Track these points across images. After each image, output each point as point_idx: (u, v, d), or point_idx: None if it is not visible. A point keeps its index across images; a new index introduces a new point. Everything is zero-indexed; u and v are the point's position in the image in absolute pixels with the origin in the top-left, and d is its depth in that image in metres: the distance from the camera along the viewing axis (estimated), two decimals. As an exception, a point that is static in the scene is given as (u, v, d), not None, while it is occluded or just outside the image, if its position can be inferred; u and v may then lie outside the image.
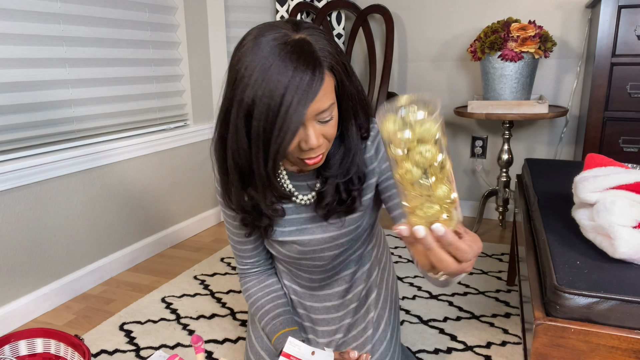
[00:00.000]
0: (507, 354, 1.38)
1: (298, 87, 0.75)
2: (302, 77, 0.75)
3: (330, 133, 0.84)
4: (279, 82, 0.75)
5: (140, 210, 2.08)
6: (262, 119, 0.77)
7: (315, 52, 0.78)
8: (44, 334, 1.24)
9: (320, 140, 0.83)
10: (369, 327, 1.12)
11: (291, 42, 0.77)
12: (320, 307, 1.15)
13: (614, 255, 0.84)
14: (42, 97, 1.65)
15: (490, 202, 2.53)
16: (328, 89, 0.80)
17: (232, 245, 1.15)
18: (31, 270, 1.64)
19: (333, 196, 0.96)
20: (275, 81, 0.75)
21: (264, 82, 0.76)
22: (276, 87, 0.75)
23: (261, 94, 0.76)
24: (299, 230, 1.03)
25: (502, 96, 2.05)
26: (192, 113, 2.35)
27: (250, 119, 0.79)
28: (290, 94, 0.75)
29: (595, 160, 0.99)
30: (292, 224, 1.03)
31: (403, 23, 2.52)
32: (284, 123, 0.76)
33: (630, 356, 0.73)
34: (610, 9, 1.76)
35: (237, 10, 2.43)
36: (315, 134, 0.82)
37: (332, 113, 0.83)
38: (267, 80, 0.76)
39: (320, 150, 0.85)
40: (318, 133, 0.82)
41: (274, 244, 1.07)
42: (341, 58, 0.83)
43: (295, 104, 0.75)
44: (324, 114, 0.81)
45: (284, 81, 0.75)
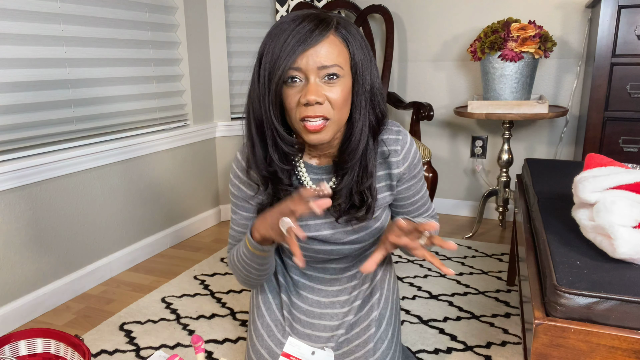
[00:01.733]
0: (507, 354, 1.38)
1: (298, 32, 0.84)
2: (304, 25, 0.85)
3: (334, 98, 0.87)
4: (285, 30, 0.85)
5: (140, 209, 2.08)
6: (267, 62, 0.86)
7: (328, 17, 0.87)
8: (44, 334, 1.24)
9: (321, 98, 0.86)
10: (372, 325, 1.12)
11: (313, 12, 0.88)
12: (327, 302, 1.15)
13: (614, 255, 0.84)
14: (42, 97, 1.65)
15: (490, 202, 2.53)
16: (334, 49, 0.86)
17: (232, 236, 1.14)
18: (31, 270, 1.64)
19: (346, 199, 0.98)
20: (282, 30, 0.86)
21: (274, 32, 0.87)
22: (281, 34, 0.85)
23: (270, 40, 0.87)
24: (319, 224, 1.04)
25: (502, 96, 2.05)
26: (192, 113, 2.35)
27: (260, 66, 0.88)
28: (290, 38, 0.84)
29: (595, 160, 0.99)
30: (311, 218, 1.04)
31: (403, 23, 2.52)
32: (279, 60, 0.84)
33: (630, 356, 0.73)
34: (610, 9, 1.76)
35: (237, 10, 2.43)
36: (316, 88, 0.85)
37: (338, 75, 0.87)
38: (277, 31, 0.86)
39: (320, 110, 0.87)
40: (319, 90, 0.86)
41: None
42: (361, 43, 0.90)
43: (291, 44, 0.84)
44: (327, 69, 0.86)
45: (289, 29, 0.85)
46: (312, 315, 1.15)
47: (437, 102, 2.54)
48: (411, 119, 2.26)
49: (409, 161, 1.03)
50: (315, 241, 1.05)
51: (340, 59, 0.87)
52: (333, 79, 0.86)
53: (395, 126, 1.03)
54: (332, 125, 0.89)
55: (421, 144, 2.05)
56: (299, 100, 0.87)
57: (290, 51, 0.84)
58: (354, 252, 1.08)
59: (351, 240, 1.05)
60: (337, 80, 0.87)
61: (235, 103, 2.54)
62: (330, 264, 1.12)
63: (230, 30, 2.44)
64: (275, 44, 0.85)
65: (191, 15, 2.26)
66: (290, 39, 0.84)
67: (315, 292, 1.15)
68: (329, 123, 0.88)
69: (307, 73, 0.85)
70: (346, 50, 0.88)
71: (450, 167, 2.60)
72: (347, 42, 0.88)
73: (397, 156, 1.01)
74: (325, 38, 0.85)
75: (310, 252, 1.08)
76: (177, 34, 2.23)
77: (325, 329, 1.14)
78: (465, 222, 2.51)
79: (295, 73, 0.86)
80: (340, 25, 0.88)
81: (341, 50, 0.87)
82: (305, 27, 0.84)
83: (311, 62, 0.85)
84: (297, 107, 0.88)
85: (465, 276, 1.87)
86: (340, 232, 1.04)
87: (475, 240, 2.26)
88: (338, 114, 0.89)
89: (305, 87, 0.86)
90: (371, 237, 1.07)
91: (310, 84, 0.85)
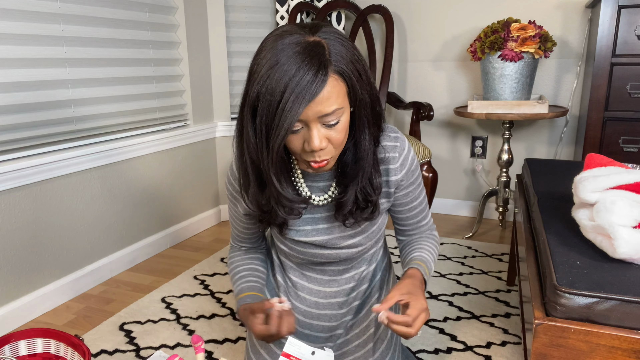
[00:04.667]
0: (507, 354, 1.38)
1: (297, 85, 0.77)
2: (303, 76, 0.77)
3: (336, 138, 0.84)
4: (281, 79, 0.77)
5: (140, 210, 2.08)
6: (263, 115, 0.80)
7: (324, 54, 0.79)
8: (44, 334, 1.24)
9: (324, 144, 0.83)
10: (371, 325, 1.12)
11: (303, 43, 0.79)
12: (325, 303, 1.15)
13: (614, 255, 0.84)
14: (42, 97, 1.65)
15: (490, 202, 2.53)
16: (334, 93, 0.80)
17: (232, 224, 1.17)
18: (31, 270, 1.64)
19: (352, 204, 0.97)
20: (277, 78, 0.77)
21: (268, 78, 0.78)
22: (278, 84, 0.77)
23: (264, 90, 0.79)
24: (316, 230, 1.04)
25: (502, 96, 2.05)
26: (192, 113, 2.35)
27: (255, 114, 0.82)
28: (289, 92, 0.77)
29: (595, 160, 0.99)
30: (307, 223, 1.04)
31: (403, 23, 2.52)
32: (280, 120, 0.78)
33: (630, 356, 0.73)
34: (610, 9, 1.76)
35: (237, 10, 2.43)
36: (319, 137, 0.82)
37: (338, 118, 0.83)
38: (270, 77, 0.78)
39: (325, 155, 0.85)
40: (322, 136, 0.83)
41: (288, 242, 1.08)
42: (356, 65, 0.83)
43: (291, 101, 0.77)
44: (328, 117, 0.81)
45: (285, 79, 0.77)
46: (311, 316, 1.15)
47: (437, 102, 2.54)
48: (411, 119, 2.26)
49: (407, 168, 1.03)
50: (312, 246, 1.05)
51: (339, 99, 0.82)
52: (334, 124, 0.83)
53: (392, 132, 1.02)
54: (333, 159, 0.89)
55: (421, 144, 2.05)
56: (302, 145, 0.85)
57: (292, 109, 0.77)
58: (351, 255, 1.08)
59: (348, 245, 1.05)
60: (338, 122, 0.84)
61: (235, 103, 2.54)
62: (328, 266, 1.12)
63: (230, 30, 2.44)
64: (271, 97, 0.78)
65: (191, 15, 2.26)
66: (289, 93, 0.77)
67: (313, 294, 1.15)
68: (331, 159, 0.88)
69: (308, 122, 0.82)
70: (344, 85, 0.83)
71: (450, 167, 2.60)
72: (344, 75, 0.82)
73: (395, 163, 1.01)
74: (326, 84, 0.79)
75: (307, 255, 1.08)
76: (177, 34, 2.23)
77: (324, 329, 1.14)
78: (465, 222, 2.51)
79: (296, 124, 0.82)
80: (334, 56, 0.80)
81: (340, 89, 0.82)
82: (305, 78, 0.77)
83: (312, 113, 0.80)
84: (301, 150, 0.86)
85: (465, 276, 1.87)
86: (336, 238, 1.04)
87: (475, 240, 2.26)
88: (339, 149, 0.88)
89: (308, 133, 0.83)
90: (368, 240, 1.07)
91: (312, 130, 0.82)
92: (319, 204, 1.02)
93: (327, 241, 1.04)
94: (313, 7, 2.42)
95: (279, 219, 1.00)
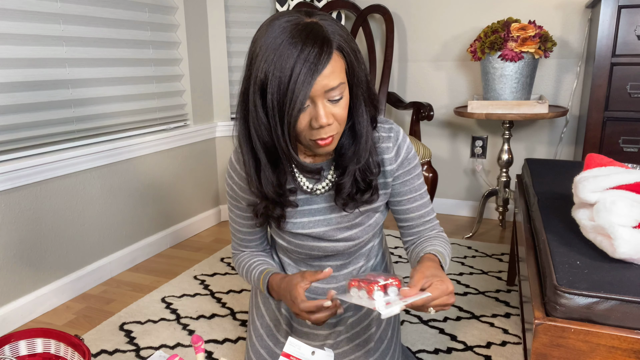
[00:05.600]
0: (507, 354, 1.38)
1: (306, 59, 0.80)
2: (310, 50, 0.81)
3: (340, 114, 0.87)
4: (289, 56, 0.81)
5: (140, 210, 2.08)
6: (274, 92, 0.82)
7: (324, 32, 0.83)
8: (44, 334, 1.24)
9: (330, 119, 0.86)
10: (372, 324, 1.12)
11: (302, 24, 0.83)
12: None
13: (614, 255, 0.84)
14: (42, 97, 1.65)
15: (490, 202, 2.53)
16: (337, 67, 0.84)
17: (232, 232, 1.16)
18: (31, 270, 1.64)
19: (351, 186, 0.98)
20: (285, 56, 0.81)
21: (275, 57, 0.81)
22: (286, 61, 0.81)
23: (273, 68, 0.81)
24: (313, 222, 1.04)
25: (502, 96, 2.05)
26: (192, 113, 2.35)
27: (265, 94, 0.84)
28: (299, 66, 0.80)
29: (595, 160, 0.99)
30: (304, 215, 1.04)
31: (403, 23, 2.52)
32: (294, 93, 0.81)
33: (630, 356, 0.73)
34: (610, 9, 1.76)
35: (237, 10, 2.43)
36: (325, 112, 0.85)
37: (342, 93, 0.86)
38: (278, 56, 0.81)
39: (331, 130, 0.88)
40: (328, 112, 0.86)
41: (285, 235, 1.08)
42: (352, 44, 0.88)
43: (303, 74, 0.80)
44: (333, 92, 0.84)
45: (294, 55, 0.80)
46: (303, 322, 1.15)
47: (437, 102, 2.54)
48: (411, 119, 2.26)
49: (402, 156, 1.02)
50: (309, 238, 1.05)
51: (342, 74, 0.86)
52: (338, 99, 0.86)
53: (387, 123, 1.02)
54: (337, 135, 0.91)
55: (421, 144, 2.05)
56: (310, 123, 0.86)
57: (305, 82, 0.81)
58: (348, 249, 1.08)
59: (345, 237, 1.05)
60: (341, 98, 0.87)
61: (235, 103, 2.54)
62: (326, 261, 1.12)
63: (230, 30, 2.44)
64: (281, 74, 0.81)
65: (191, 15, 2.26)
66: (300, 68, 0.80)
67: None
68: (336, 135, 0.90)
69: (315, 98, 0.84)
70: (344, 62, 0.87)
71: (450, 167, 2.60)
72: (344, 52, 0.86)
73: (390, 153, 1.01)
74: (331, 60, 0.83)
75: (304, 249, 1.08)
76: (177, 34, 2.23)
77: (324, 326, 1.14)
78: (465, 222, 2.51)
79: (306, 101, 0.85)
80: (335, 35, 0.85)
81: (341, 66, 0.86)
82: (312, 53, 0.81)
83: (319, 87, 0.83)
84: (308, 129, 0.88)
85: (465, 276, 1.87)
86: (333, 229, 1.04)
87: (475, 240, 2.26)
88: (343, 125, 0.90)
89: (314, 110, 0.85)
90: (365, 234, 1.07)
91: (319, 107, 0.85)
92: (317, 192, 1.02)
93: (324, 233, 1.04)
94: (313, 7, 2.42)
95: (276, 212, 1.01)
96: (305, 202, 1.04)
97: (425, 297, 0.82)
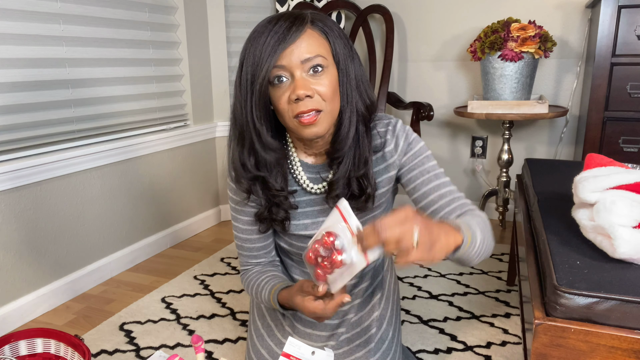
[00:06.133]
0: (507, 354, 1.38)
1: (277, 31, 0.85)
2: (281, 24, 0.85)
3: (323, 91, 0.87)
4: (262, 33, 0.86)
5: (140, 210, 2.08)
6: (248, 66, 0.87)
7: (302, 13, 0.88)
8: (44, 334, 1.24)
9: (310, 91, 0.86)
10: (373, 325, 1.12)
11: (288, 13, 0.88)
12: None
13: (614, 255, 0.84)
14: (42, 97, 1.65)
15: (490, 202, 2.53)
16: (313, 41, 0.87)
17: (239, 245, 1.14)
18: (31, 270, 1.64)
19: (344, 188, 0.97)
20: (259, 34, 0.86)
21: (253, 37, 0.87)
22: (260, 36, 0.86)
23: (249, 46, 0.88)
24: (315, 223, 1.04)
25: (502, 96, 2.05)
26: (192, 113, 2.35)
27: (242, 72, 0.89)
28: (269, 37, 0.85)
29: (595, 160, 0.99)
30: (307, 216, 1.04)
31: (403, 23, 2.52)
32: (261, 61, 0.85)
33: (630, 356, 0.73)
34: (610, 9, 1.76)
35: (237, 10, 2.43)
36: (303, 82, 0.86)
37: (322, 66, 0.87)
38: (255, 35, 0.87)
39: (312, 104, 0.87)
40: (307, 84, 0.86)
41: (287, 238, 1.08)
42: (339, 33, 0.91)
43: (271, 44, 0.84)
44: (310, 62, 0.86)
45: (267, 31, 0.85)
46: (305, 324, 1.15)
47: (437, 102, 2.54)
48: (411, 119, 2.26)
49: (402, 144, 0.99)
50: (308, 239, 1.05)
51: (321, 49, 0.87)
52: (318, 71, 0.87)
53: (385, 119, 1.02)
54: (325, 116, 0.89)
55: (421, 144, 2.05)
56: (289, 97, 0.87)
57: (272, 51, 0.84)
58: None
59: None
60: (323, 72, 0.87)
61: (235, 103, 2.53)
62: None
63: (230, 30, 2.44)
64: (254, 47, 0.86)
65: (191, 15, 2.26)
66: (269, 39, 0.84)
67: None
68: (321, 115, 0.88)
69: (292, 69, 0.86)
70: (326, 42, 0.89)
71: (450, 167, 2.60)
72: (326, 33, 0.89)
73: (390, 145, 1.00)
74: (304, 33, 0.86)
75: (303, 250, 1.08)
76: (177, 34, 2.23)
77: (326, 327, 1.14)
78: (465, 222, 2.51)
79: (279, 72, 0.86)
80: (315, 19, 0.89)
81: (321, 42, 0.88)
82: (282, 26, 0.85)
83: (294, 57, 0.85)
84: (288, 105, 0.88)
85: (465, 276, 1.87)
86: None
87: (475, 240, 2.26)
88: (330, 105, 0.89)
89: (293, 84, 0.86)
90: None
91: (297, 79, 0.86)
92: (317, 192, 1.02)
93: None
94: (313, 7, 2.42)
95: (280, 214, 1.01)
96: (307, 203, 1.04)
97: None
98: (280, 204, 1.00)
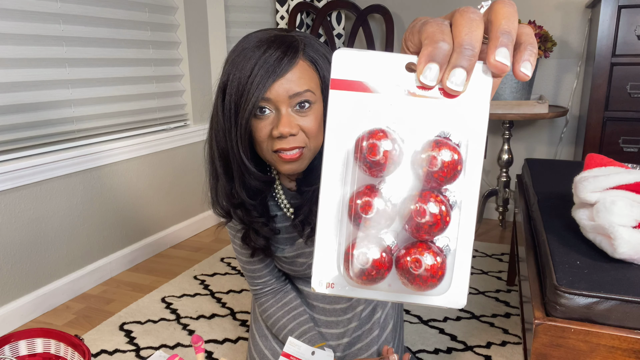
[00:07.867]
0: (507, 354, 1.38)
1: (266, 61, 0.78)
2: (271, 54, 0.79)
3: (308, 127, 0.82)
4: (251, 57, 0.79)
5: (140, 210, 2.08)
6: (232, 93, 0.81)
7: (294, 40, 0.81)
8: (44, 334, 1.24)
9: (295, 129, 0.81)
10: (375, 328, 1.12)
11: (275, 34, 0.82)
12: (330, 309, 1.14)
13: (614, 255, 0.84)
14: (42, 97, 1.65)
15: (490, 202, 2.53)
16: (305, 75, 0.81)
17: (242, 267, 1.14)
18: (31, 270, 1.64)
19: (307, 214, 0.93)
20: (247, 57, 0.79)
21: (239, 59, 0.80)
22: (247, 62, 0.79)
23: (234, 69, 0.80)
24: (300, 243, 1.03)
25: (502, 96, 2.05)
26: (192, 113, 2.35)
27: (225, 97, 0.83)
28: (258, 67, 0.78)
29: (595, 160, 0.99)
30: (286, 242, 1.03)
31: (403, 23, 2.52)
32: (249, 93, 0.78)
33: (630, 356, 0.73)
34: (610, 9, 1.76)
35: (237, 10, 2.43)
36: (288, 120, 0.80)
37: (310, 101, 0.81)
38: (241, 57, 0.80)
39: (295, 142, 0.82)
40: (292, 121, 0.81)
41: (278, 262, 1.08)
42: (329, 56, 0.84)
43: (260, 75, 0.78)
44: (298, 97, 0.80)
45: (256, 56, 0.79)
46: (320, 324, 1.14)
47: (437, 102, 2.54)
48: (411, 119, 2.26)
49: None
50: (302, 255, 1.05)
51: (311, 83, 0.81)
52: (305, 107, 0.81)
53: None
54: (308, 153, 0.84)
55: (421, 144, 2.05)
56: (270, 132, 0.81)
57: (260, 83, 0.77)
58: None
59: None
60: (310, 108, 0.82)
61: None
62: None
63: (230, 30, 2.44)
64: (240, 74, 0.79)
65: (191, 15, 2.26)
66: (258, 69, 0.77)
67: (319, 300, 1.16)
68: (305, 151, 0.83)
69: (278, 104, 0.80)
70: (316, 75, 0.83)
71: (450, 167, 2.60)
72: (316, 64, 0.82)
73: None
74: (295, 65, 0.79)
75: (296, 265, 1.08)
76: (177, 34, 2.23)
77: (332, 337, 1.13)
78: (465, 222, 2.51)
79: (264, 104, 0.80)
80: (307, 46, 0.82)
81: (312, 75, 0.82)
82: (273, 55, 0.78)
83: (282, 91, 0.79)
84: (268, 139, 0.82)
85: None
86: None
87: (475, 240, 2.26)
88: (314, 142, 0.84)
89: (277, 119, 0.80)
90: None
91: (283, 115, 0.80)
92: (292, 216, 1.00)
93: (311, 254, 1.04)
94: (313, 7, 2.42)
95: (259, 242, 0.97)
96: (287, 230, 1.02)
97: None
98: (259, 229, 0.97)
